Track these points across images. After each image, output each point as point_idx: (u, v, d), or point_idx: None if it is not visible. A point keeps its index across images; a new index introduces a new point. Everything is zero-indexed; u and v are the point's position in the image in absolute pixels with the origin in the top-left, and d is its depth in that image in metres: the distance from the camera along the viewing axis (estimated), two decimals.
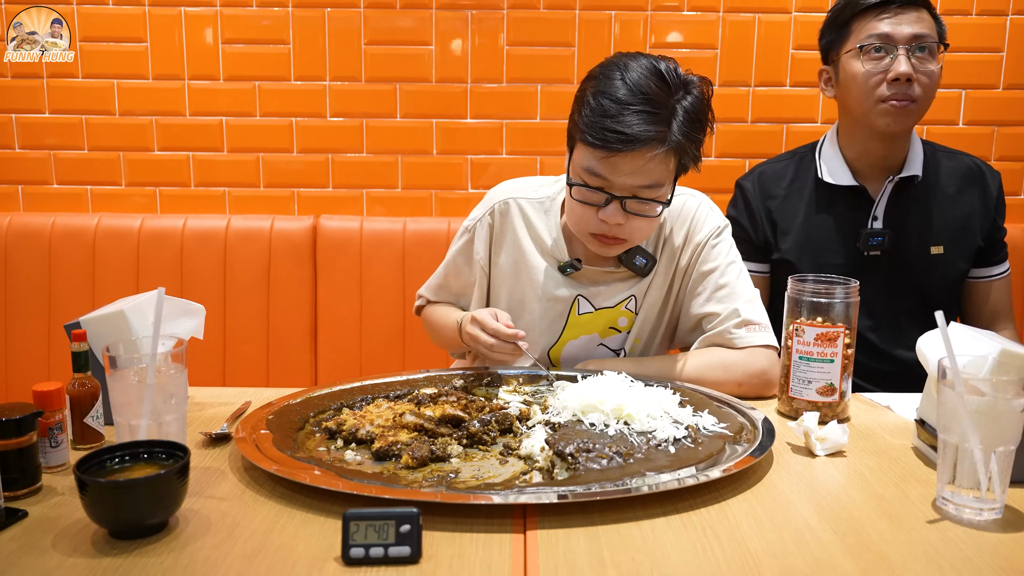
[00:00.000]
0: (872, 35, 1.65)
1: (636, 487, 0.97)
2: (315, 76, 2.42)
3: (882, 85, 1.65)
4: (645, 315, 1.53)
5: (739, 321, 1.45)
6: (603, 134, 1.30)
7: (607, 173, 1.34)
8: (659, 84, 1.31)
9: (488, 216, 1.58)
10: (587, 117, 1.32)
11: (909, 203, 1.76)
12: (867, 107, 1.69)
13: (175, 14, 2.39)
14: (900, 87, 1.64)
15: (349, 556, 0.84)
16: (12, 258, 2.31)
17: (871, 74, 1.66)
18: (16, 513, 0.95)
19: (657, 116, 1.30)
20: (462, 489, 0.99)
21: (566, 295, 1.53)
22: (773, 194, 1.83)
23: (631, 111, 1.29)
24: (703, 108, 1.35)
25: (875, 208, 1.75)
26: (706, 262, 1.51)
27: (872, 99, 1.67)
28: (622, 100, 1.30)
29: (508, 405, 1.28)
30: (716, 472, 1.01)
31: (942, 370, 0.97)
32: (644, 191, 1.35)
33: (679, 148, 1.33)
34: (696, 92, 1.34)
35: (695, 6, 2.40)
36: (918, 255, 1.77)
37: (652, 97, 1.30)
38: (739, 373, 1.42)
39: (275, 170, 2.48)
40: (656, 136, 1.30)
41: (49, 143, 2.45)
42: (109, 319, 1.20)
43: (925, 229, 1.77)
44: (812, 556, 0.87)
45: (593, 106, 1.32)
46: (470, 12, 2.40)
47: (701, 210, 1.54)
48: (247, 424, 1.16)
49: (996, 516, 0.95)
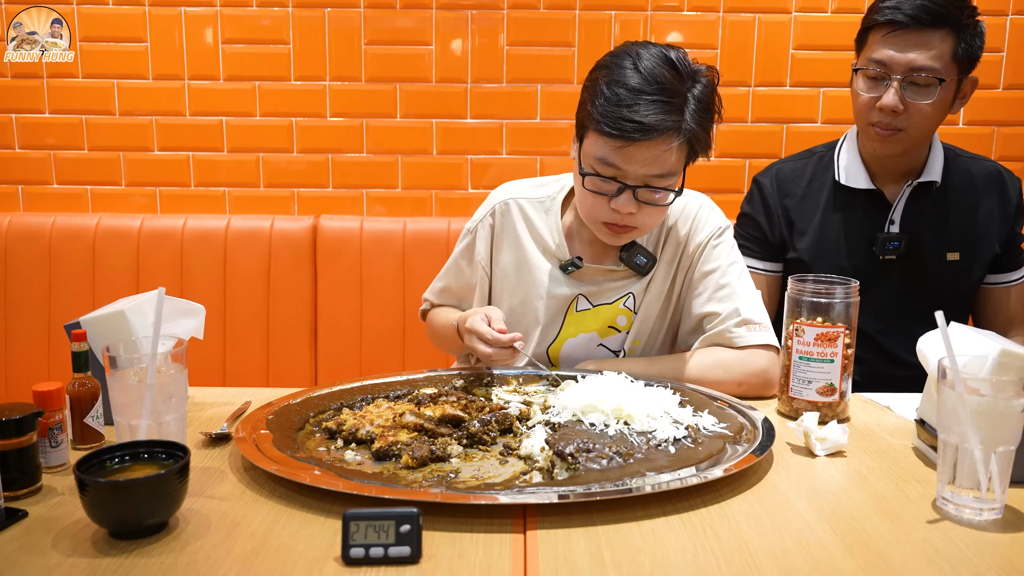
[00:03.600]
0: (872, 58, 1.62)
1: (636, 487, 0.97)
2: (315, 76, 2.42)
3: (872, 110, 1.64)
4: (644, 314, 1.53)
5: (739, 320, 1.45)
6: (620, 123, 1.29)
7: (621, 163, 1.33)
8: (672, 73, 1.31)
9: (489, 217, 1.58)
10: (601, 106, 1.32)
11: (927, 208, 1.74)
12: (860, 126, 1.71)
13: (175, 14, 2.39)
14: (885, 116, 1.62)
15: (349, 556, 0.84)
16: (12, 258, 2.31)
17: (865, 97, 1.65)
18: (16, 513, 0.95)
19: (672, 105, 1.30)
20: (462, 489, 0.99)
21: (567, 293, 1.53)
22: (791, 193, 1.82)
23: (646, 100, 1.29)
24: (712, 96, 1.36)
25: (892, 212, 1.74)
26: (707, 262, 1.51)
27: (863, 121, 1.68)
28: (637, 89, 1.29)
29: (508, 405, 1.28)
30: (716, 472, 1.01)
31: (942, 370, 0.97)
32: (657, 180, 1.35)
33: (692, 137, 1.33)
34: (705, 80, 1.35)
35: (695, 6, 2.40)
36: (934, 260, 1.75)
37: (666, 86, 1.30)
38: (739, 372, 1.42)
39: (275, 170, 2.48)
40: (672, 125, 1.30)
41: (49, 143, 2.45)
42: (109, 319, 1.20)
43: (942, 235, 1.75)
44: (812, 556, 0.87)
45: (608, 95, 1.31)
46: (470, 12, 2.40)
47: (703, 211, 1.54)
48: (247, 424, 1.16)
49: (996, 516, 0.95)
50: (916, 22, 1.57)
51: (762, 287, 1.81)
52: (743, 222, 1.88)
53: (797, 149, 2.46)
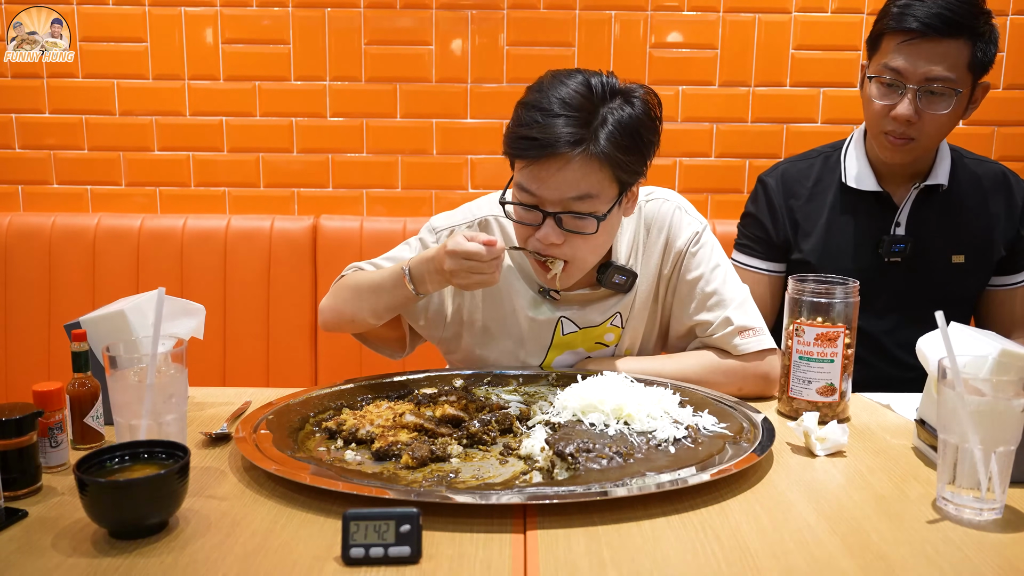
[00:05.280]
0: (887, 65, 1.57)
1: (636, 487, 0.97)
2: (315, 76, 2.42)
3: (886, 118, 1.60)
4: (633, 328, 1.51)
5: (733, 330, 1.43)
6: (519, 142, 1.27)
7: (534, 186, 1.29)
8: (584, 93, 1.27)
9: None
10: (509, 130, 1.30)
11: (933, 211, 1.73)
12: (872, 132, 1.68)
13: (175, 14, 2.38)
14: (899, 126, 1.59)
15: (349, 556, 0.84)
16: (12, 258, 2.31)
17: (878, 105, 1.61)
18: (16, 513, 0.95)
19: (577, 120, 1.25)
20: (462, 489, 0.99)
21: (549, 317, 1.49)
22: (796, 194, 1.80)
23: (550, 117, 1.25)
24: (642, 120, 1.29)
25: (898, 215, 1.72)
26: (689, 270, 1.48)
27: (875, 128, 1.65)
28: (543, 108, 1.26)
29: (508, 405, 1.28)
30: (716, 472, 1.01)
31: (942, 370, 0.97)
32: (576, 204, 1.29)
33: (608, 158, 1.26)
34: (636, 103, 1.29)
35: (695, 6, 2.40)
36: (939, 263, 1.73)
37: (573, 104, 1.26)
38: (740, 378, 1.42)
39: (275, 170, 2.48)
40: (571, 138, 1.24)
41: (49, 143, 2.45)
42: (109, 319, 1.20)
43: (948, 237, 1.73)
44: (812, 556, 0.87)
45: (515, 118, 1.30)
46: (470, 12, 2.40)
47: (676, 216, 1.49)
48: (247, 424, 1.16)
49: (996, 516, 0.95)
50: (933, 31, 1.53)
51: (764, 287, 1.80)
52: (747, 222, 1.87)
53: (797, 149, 2.46)
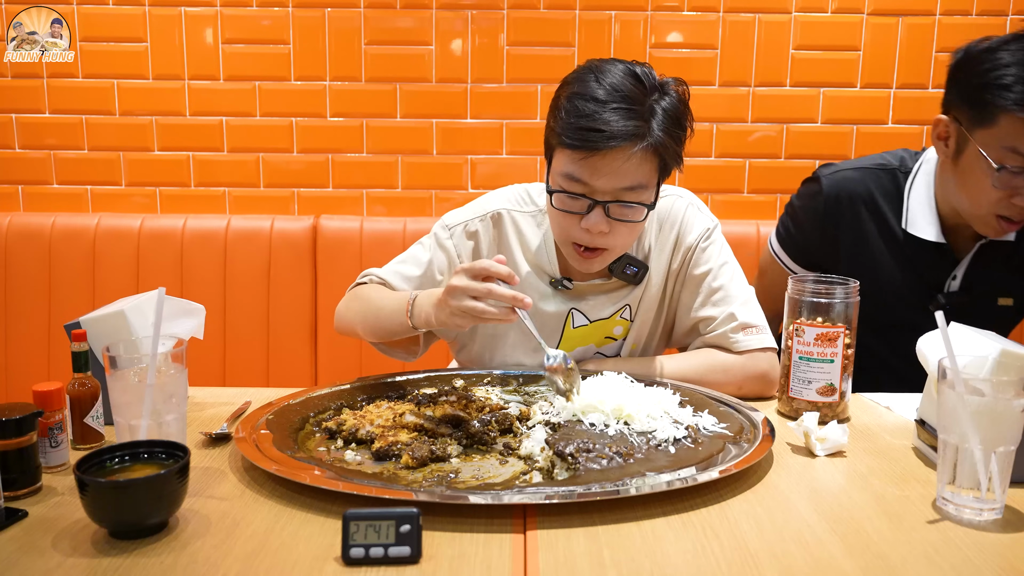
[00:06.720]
0: (1016, 150, 1.39)
1: (636, 487, 0.97)
2: (315, 76, 2.42)
3: (1003, 202, 1.44)
4: (641, 321, 1.52)
5: (736, 325, 1.44)
6: (582, 134, 1.28)
7: (588, 177, 1.31)
8: (635, 84, 1.30)
9: (479, 222, 1.51)
10: (564, 120, 1.31)
11: (992, 263, 1.61)
12: (978, 210, 1.49)
13: (175, 14, 2.39)
14: (1017, 213, 1.45)
15: (349, 556, 0.84)
16: (12, 258, 2.31)
17: (998, 188, 1.43)
18: (16, 513, 0.95)
19: (635, 112, 1.28)
20: (462, 489, 0.99)
21: (559, 309, 1.50)
22: (849, 215, 1.65)
23: (609, 109, 1.27)
24: (682, 109, 1.34)
25: (957, 268, 1.61)
26: (698, 266, 1.49)
27: (985, 207, 1.47)
28: (599, 99, 1.28)
29: (508, 405, 1.28)
30: (716, 472, 1.01)
31: (942, 370, 0.97)
32: (627, 194, 1.32)
33: (660, 146, 1.30)
34: (673, 94, 1.33)
35: (695, 6, 2.40)
36: (984, 305, 1.65)
37: (629, 95, 1.29)
38: (739, 376, 1.42)
39: (275, 170, 2.48)
40: (636, 131, 1.27)
41: (49, 143, 2.45)
42: (109, 319, 1.20)
43: (1001, 284, 1.65)
44: (812, 556, 0.87)
45: (568, 108, 1.31)
46: (470, 12, 2.40)
47: (689, 212, 1.51)
48: (247, 424, 1.16)
49: (996, 516, 0.95)
50: None
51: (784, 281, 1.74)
52: (793, 213, 1.74)
53: (797, 149, 2.48)
